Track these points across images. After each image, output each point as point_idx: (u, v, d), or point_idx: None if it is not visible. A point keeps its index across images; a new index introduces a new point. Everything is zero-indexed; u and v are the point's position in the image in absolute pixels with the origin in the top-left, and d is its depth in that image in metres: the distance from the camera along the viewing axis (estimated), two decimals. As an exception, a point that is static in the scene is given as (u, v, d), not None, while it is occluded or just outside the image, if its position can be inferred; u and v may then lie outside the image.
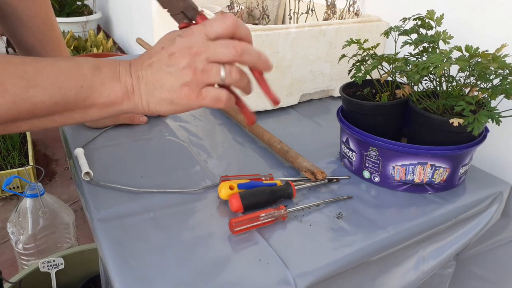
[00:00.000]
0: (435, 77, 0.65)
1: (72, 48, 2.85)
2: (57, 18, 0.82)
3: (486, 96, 0.60)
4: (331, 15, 1.07)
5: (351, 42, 0.70)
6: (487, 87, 0.60)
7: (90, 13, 3.48)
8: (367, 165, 0.68)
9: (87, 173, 0.66)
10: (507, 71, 0.57)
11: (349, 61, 0.72)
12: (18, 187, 1.74)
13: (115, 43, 3.39)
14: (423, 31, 0.69)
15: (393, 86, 0.72)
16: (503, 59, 0.56)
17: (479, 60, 0.58)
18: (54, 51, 0.76)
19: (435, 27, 0.68)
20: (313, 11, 1.12)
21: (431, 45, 0.67)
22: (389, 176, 0.66)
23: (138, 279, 0.48)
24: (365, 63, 0.69)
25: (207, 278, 0.49)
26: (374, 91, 0.74)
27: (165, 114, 0.47)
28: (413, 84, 0.65)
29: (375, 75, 0.69)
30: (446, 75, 0.64)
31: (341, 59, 0.72)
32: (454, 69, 0.60)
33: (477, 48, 0.58)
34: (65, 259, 1.03)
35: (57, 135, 1.10)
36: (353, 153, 0.69)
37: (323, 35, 0.91)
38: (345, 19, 1.03)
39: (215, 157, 0.75)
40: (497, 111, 0.56)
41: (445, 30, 0.66)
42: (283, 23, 1.30)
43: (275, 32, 0.86)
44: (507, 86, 0.56)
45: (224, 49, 0.42)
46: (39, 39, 0.74)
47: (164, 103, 0.44)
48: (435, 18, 0.67)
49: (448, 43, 0.65)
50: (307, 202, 0.63)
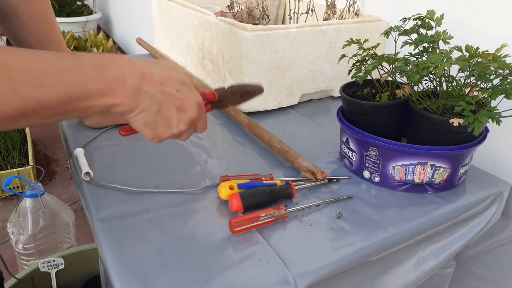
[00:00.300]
0: (435, 77, 0.65)
1: (72, 48, 2.85)
2: (57, 18, 0.82)
3: (486, 96, 0.60)
4: (331, 15, 1.07)
5: (351, 42, 0.70)
6: (487, 87, 0.60)
7: (90, 13, 3.48)
8: (367, 165, 0.68)
9: (87, 173, 0.66)
10: (507, 71, 0.57)
11: (349, 61, 0.72)
12: (18, 187, 1.74)
13: (115, 43, 3.38)
14: (423, 31, 0.69)
15: (393, 86, 0.72)
16: (503, 59, 0.56)
17: (479, 60, 0.58)
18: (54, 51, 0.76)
19: (435, 27, 0.68)
20: (313, 11, 1.12)
21: (431, 45, 0.67)
22: (389, 176, 0.66)
23: (138, 279, 0.48)
24: (365, 63, 0.69)
25: (207, 278, 0.49)
26: (374, 91, 0.74)
27: (135, 128, 0.50)
28: (413, 84, 0.65)
29: (375, 75, 0.69)
30: (446, 75, 0.64)
31: (341, 59, 0.72)
32: (454, 69, 0.60)
33: (477, 48, 0.58)
34: (65, 259, 1.03)
35: (57, 135, 1.10)
36: (353, 153, 0.69)
37: (323, 35, 0.91)
38: (345, 19, 1.03)
39: (215, 157, 0.75)
40: (497, 111, 0.56)
41: (445, 30, 0.66)
42: (283, 23, 1.30)
43: (275, 32, 0.86)
44: (507, 86, 0.56)
45: (201, 129, 0.54)
46: (39, 39, 0.74)
47: (148, 125, 0.48)
48: (435, 18, 0.67)
49: (448, 43, 0.65)
50: (307, 202, 0.63)
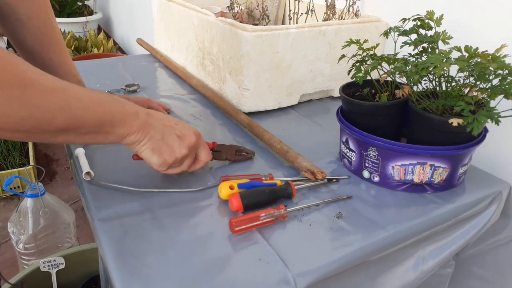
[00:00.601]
0: (434, 78, 0.65)
1: (72, 48, 2.85)
2: (58, 18, 0.82)
3: (485, 96, 0.60)
4: (331, 15, 1.07)
5: (350, 42, 0.70)
6: (487, 87, 0.60)
7: (90, 13, 3.48)
8: (366, 165, 0.68)
9: (88, 173, 0.66)
10: (507, 71, 0.57)
11: (348, 61, 0.72)
12: (18, 187, 1.75)
13: (115, 43, 3.39)
14: (422, 31, 0.69)
15: (393, 86, 0.72)
16: (502, 59, 0.56)
17: (479, 60, 0.58)
18: (54, 52, 0.76)
19: (435, 28, 0.68)
20: (313, 12, 1.12)
21: (431, 46, 0.67)
22: (388, 176, 0.66)
23: (138, 279, 0.48)
24: (364, 64, 0.69)
25: (207, 278, 0.49)
26: (373, 91, 0.74)
27: (143, 157, 0.59)
28: (412, 84, 0.65)
29: (374, 75, 0.69)
30: (445, 75, 0.64)
31: (340, 59, 0.73)
32: (453, 70, 0.61)
33: (477, 48, 0.58)
34: (66, 258, 1.04)
35: (58, 135, 1.10)
36: (353, 153, 0.69)
37: (322, 36, 0.92)
38: (344, 19, 1.04)
39: (215, 157, 0.75)
40: (496, 111, 0.56)
41: (445, 30, 0.66)
42: (283, 23, 1.31)
43: (275, 32, 0.86)
44: (507, 86, 0.56)
45: (189, 161, 0.64)
46: (40, 40, 0.74)
47: (155, 152, 0.58)
48: (435, 18, 0.67)
49: (447, 44, 0.65)
50: (307, 202, 0.63)
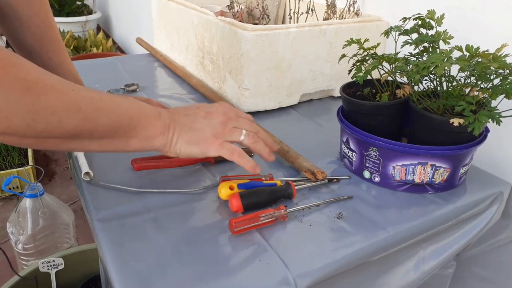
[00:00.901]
0: (435, 77, 0.65)
1: (71, 48, 2.85)
2: (57, 17, 0.82)
3: (486, 96, 0.60)
4: (331, 15, 1.07)
5: (351, 42, 0.70)
6: (488, 87, 0.59)
7: (89, 13, 3.48)
8: (367, 165, 0.68)
9: (87, 173, 0.66)
10: (508, 71, 0.57)
11: (349, 61, 0.71)
12: (17, 187, 1.74)
13: (114, 43, 3.38)
14: (423, 31, 0.69)
15: (393, 86, 0.72)
16: (503, 59, 0.56)
17: (480, 60, 0.58)
18: (53, 51, 0.76)
19: (436, 27, 0.67)
20: (313, 11, 1.12)
21: (432, 45, 0.67)
22: (389, 176, 0.66)
23: (138, 279, 0.48)
24: (365, 63, 0.69)
25: (207, 278, 0.49)
26: (374, 91, 0.74)
27: (185, 154, 0.55)
28: (413, 84, 0.65)
29: (375, 75, 0.69)
30: (446, 75, 0.64)
31: (341, 59, 0.72)
32: (454, 69, 0.60)
33: (478, 48, 0.58)
34: (65, 259, 1.03)
35: (57, 135, 1.09)
36: (353, 153, 0.69)
37: (323, 35, 0.91)
38: (345, 19, 1.03)
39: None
40: (497, 111, 0.56)
41: (446, 30, 0.66)
42: (283, 23, 1.30)
43: (275, 32, 0.85)
44: (508, 86, 0.56)
45: (247, 124, 0.58)
46: (39, 39, 0.74)
47: (190, 142, 0.54)
48: (436, 18, 0.67)
49: (448, 43, 0.65)
50: (307, 202, 0.63)
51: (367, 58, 0.69)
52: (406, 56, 0.67)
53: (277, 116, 0.93)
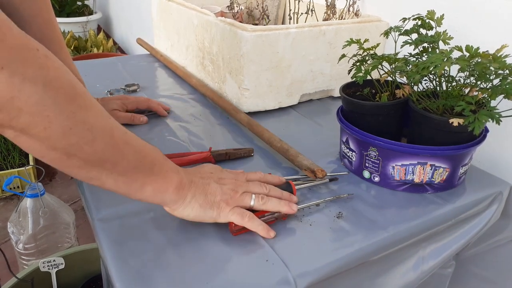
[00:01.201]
0: (435, 77, 0.65)
1: (72, 48, 2.85)
2: (57, 18, 0.82)
3: (486, 96, 0.60)
4: (331, 15, 1.07)
5: (351, 42, 0.70)
6: (487, 87, 0.60)
7: (90, 13, 3.48)
8: (367, 165, 0.68)
9: (88, 173, 0.66)
10: (507, 71, 0.57)
11: (349, 61, 0.72)
12: (18, 187, 1.74)
13: (115, 43, 3.39)
14: (423, 31, 0.69)
15: (393, 86, 0.72)
16: (503, 59, 0.56)
17: (479, 60, 0.58)
18: (55, 51, 0.75)
19: (435, 27, 0.68)
20: (313, 11, 1.12)
21: (431, 45, 0.67)
22: (389, 176, 0.66)
23: (138, 279, 0.48)
24: (365, 63, 0.69)
25: (207, 278, 0.49)
26: (374, 91, 0.74)
27: (194, 217, 0.55)
28: (413, 84, 0.65)
29: (375, 75, 0.69)
30: (446, 75, 0.64)
31: (341, 59, 0.73)
32: (454, 69, 0.60)
33: (477, 48, 0.58)
34: (66, 259, 1.04)
35: (58, 135, 1.10)
36: (353, 153, 0.69)
37: (323, 35, 0.92)
38: (345, 19, 1.03)
39: (215, 157, 0.75)
40: (497, 111, 0.56)
41: (445, 30, 0.66)
42: (283, 23, 1.31)
43: (275, 32, 0.86)
44: (507, 86, 0.56)
45: (257, 187, 0.59)
46: (40, 39, 0.73)
47: (204, 205, 0.54)
48: (435, 18, 0.67)
49: (448, 43, 0.65)
50: (307, 201, 0.63)
51: (367, 58, 0.70)
52: (405, 56, 0.67)
53: (277, 116, 0.93)
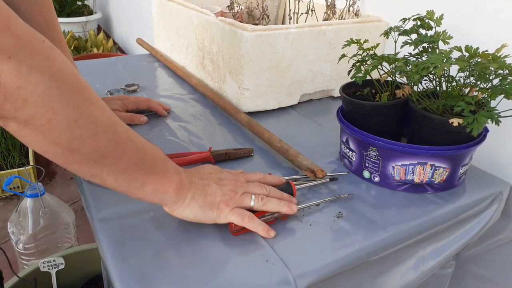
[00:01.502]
0: (435, 77, 0.65)
1: (72, 48, 2.85)
2: (57, 18, 0.82)
3: (485, 96, 0.60)
4: (331, 15, 1.07)
5: (351, 42, 0.70)
6: (487, 87, 0.60)
7: (90, 13, 3.48)
8: (367, 165, 0.68)
9: (88, 173, 0.66)
10: (507, 71, 0.57)
11: (349, 61, 0.72)
12: (18, 187, 1.74)
13: (115, 43, 3.39)
14: (422, 31, 0.69)
15: (393, 86, 0.72)
16: (503, 59, 0.56)
17: (479, 60, 0.58)
18: None
19: (435, 27, 0.68)
20: (313, 11, 1.12)
21: (431, 45, 0.67)
22: (389, 176, 0.66)
23: (138, 279, 0.48)
24: (365, 63, 0.69)
25: (207, 278, 0.49)
26: (374, 91, 0.74)
27: (193, 218, 0.55)
28: (413, 84, 0.65)
29: (375, 75, 0.69)
30: (446, 75, 0.64)
31: (341, 59, 0.73)
32: (454, 69, 0.60)
33: (477, 48, 0.58)
34: (66, 259, 1.04)
35: (58, 135, 1.10)
36: (353, 153, 0.69)
37: (323, 35, 0.92)
38: (345, 19, 1.03)
39: (215, 157, 0.75)
40: (496, 111, 0.56)
41: (445, 30, 0.66)
42: (283, 23, 1.31)
43: (275, 32, 0.86)
44: (507, 86, 0.56)
45: (257, 188, 0.58)
46: None
47: (203, 206, 0.54)
48: (435, 18, 0.67)
49: (447, 43, 0.65)
50: (307, 202, 0.63)
51: (367, 58, 0.70)
52: (405, 56, 0.67)
53: (277, 116, 0.93)
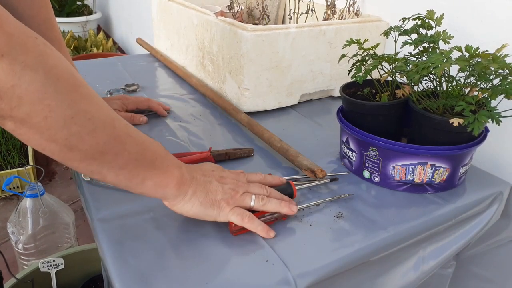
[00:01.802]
0: (435, 77, 0.65)
1: (72, 48, 2.85)
2: (57, 18, 0.82)
3: (486, 96, 0.60)
4: (331, 15, 1.07)
5: (351, 42, 0.70)
6: (487, 87, 0.60)
7: (90, 13, 3.48)
8: (367, 165, 0.68)
9: (87, 173, 0.66)
10: (507, 71, 0.57)
11: (349, 61, 0.72)
12: (18, 187, 1.74)
13: (115, 43, 3.39)
14: (423, 31, 0.69)
15: (393, 86, 0.72)
16: (503, 59, 0.56)
17: (479, 60, 0.58)
18: None
19: (435, 27, 0.68)
20: (313, 11, 1.12)
21: (431, 45, 0.67)
22: (389, 176, 0.66)
23: (138, 279, 0.48)
24: (365, 63, 0.69)
25: (207, 278, 0.49)
26: (374, 91, 0.74)
27: (193, 214, 0.55)
28: (413, 84, 0.65)
29: (375, 75, 0.69)
30: (446, 75, 0.64)
31: (341, 59, 0.73)
32: (454, 69, 0.60)
33: (477, 48, 0.58)
34: (65, 259, 1.04)
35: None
36: (353, 153, 0.69)
37: (323, 35, 0.91)
38: (345, 19, 1.03)
39: (215, 157, 0.75)
40: (497, 111, 0.56)
41: (445, 30, 0.66)
42: (283, 23, 1.31)
43: (275, 32, 0.86)
44: (507, 86, 0.56)
45: (257, 188, 0.58)
46: None
47: (204, 203, 0.54)
48: (435, 18, 0.67)
49: (448, 43, 0.65)
50: (307, 202, 0.63)
51: (367, 58, 0.70)
52: (405, 56, 0.67)
53: (277, 116, 0.93)
